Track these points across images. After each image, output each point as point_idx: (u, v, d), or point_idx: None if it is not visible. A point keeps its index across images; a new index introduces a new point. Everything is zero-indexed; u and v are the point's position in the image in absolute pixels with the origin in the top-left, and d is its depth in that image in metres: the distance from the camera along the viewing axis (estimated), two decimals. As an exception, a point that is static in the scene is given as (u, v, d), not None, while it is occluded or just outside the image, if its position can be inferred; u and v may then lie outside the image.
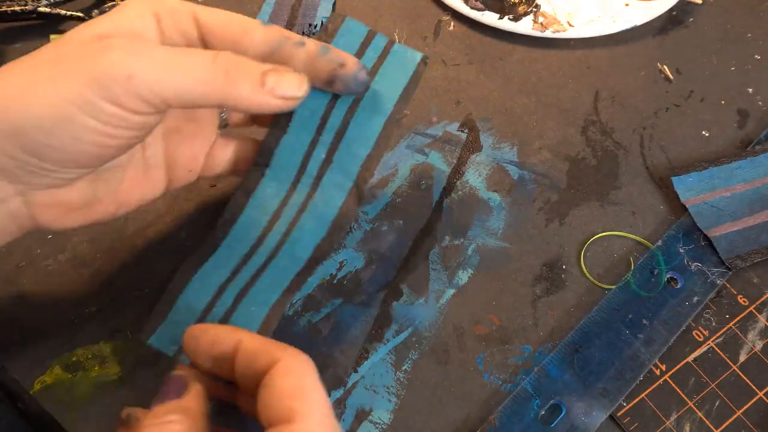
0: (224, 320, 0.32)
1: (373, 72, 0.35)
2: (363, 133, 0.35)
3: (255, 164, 0.35)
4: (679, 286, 0.39)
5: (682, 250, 0.40)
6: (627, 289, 0.39)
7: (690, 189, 0.42)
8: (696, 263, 0.40)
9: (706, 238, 0.40)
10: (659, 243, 0.40)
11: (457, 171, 0.43)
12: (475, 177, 0.43)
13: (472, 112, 0.45)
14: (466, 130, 0.45)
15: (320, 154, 0.35)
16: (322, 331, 0.37)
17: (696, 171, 0.43)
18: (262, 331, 0.32)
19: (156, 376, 0.35)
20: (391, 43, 0.36)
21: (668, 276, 0.39)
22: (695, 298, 0.39)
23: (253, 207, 0.34)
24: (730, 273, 0.40)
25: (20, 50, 0.48)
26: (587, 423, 0.35)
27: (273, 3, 0.52)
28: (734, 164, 0.43)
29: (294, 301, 0.38)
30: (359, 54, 0.36)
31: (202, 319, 0.33)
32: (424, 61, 0.36)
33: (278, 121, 0.35)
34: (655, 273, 0.39)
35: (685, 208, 0.42)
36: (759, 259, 0.40)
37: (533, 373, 0.36)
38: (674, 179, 0.42)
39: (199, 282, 0.33)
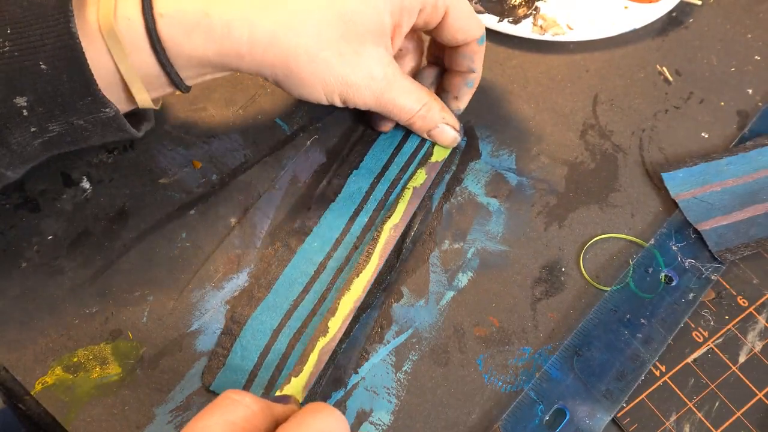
0: (281, 365, 0.36)
1: (411, 158, 0.43)
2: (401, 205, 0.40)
3: (302, 222, 0.40)
4: (674, 284, 0.39)
5: (675, 247, 0.40)
6: (624, 290, 0.39)
7: (680, 184, 0.42)
8: (690, 259, 0.40)
9: (696, 232, 0.41)
10: (652, 241, 0.40)
11: (456, 178, 0.43)
12: (473, 183, 0.43)
13: (471, 120, 0.45)
14: (465, 138, 0.45)
15: (363, 219, 0.40)
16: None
17: (686, 167, 0.43)
18: (312, 374, 0.34)
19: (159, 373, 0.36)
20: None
21: (663, 274, 0.39)
22: (691, 295, 0.39)
23: (300, 257, 0.39)
24: (724, 267, 0.40)
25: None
26: (592, 426, 0.35)
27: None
28: (724, 160, 0.43)
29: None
30: (400, 146, 0.43)
31: (259, 364, 0.36)
32: (453, 150, 0.43)
33: (327, 196, 0.41)
34: (650, 272, 0.39)
35: (677, 206, 0.42)
36: (748, 252, 0.40)
37: (535, 378, 0.36)
38: (664, 175, 0.42)
39: (253, 327, 0.37)
